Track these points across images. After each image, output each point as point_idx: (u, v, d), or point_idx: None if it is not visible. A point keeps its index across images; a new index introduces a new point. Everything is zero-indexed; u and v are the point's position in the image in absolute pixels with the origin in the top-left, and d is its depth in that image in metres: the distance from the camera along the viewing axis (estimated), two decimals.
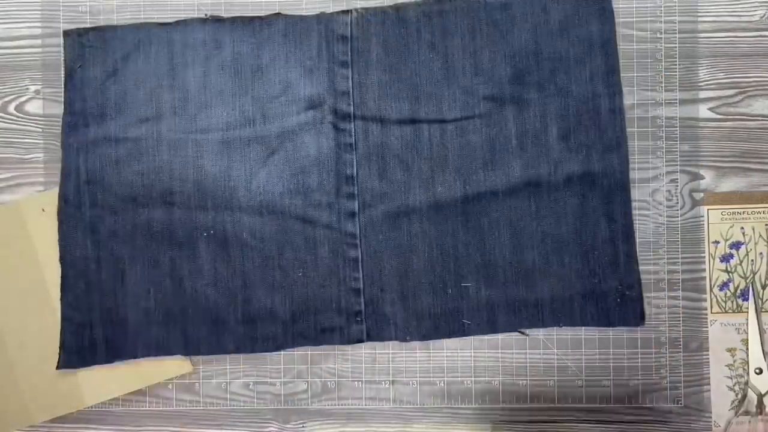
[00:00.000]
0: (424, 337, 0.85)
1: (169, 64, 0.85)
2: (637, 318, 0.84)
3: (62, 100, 0.85)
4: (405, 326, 0.85)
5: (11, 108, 0.87)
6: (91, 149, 0.85)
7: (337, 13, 0.85)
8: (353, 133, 0.85)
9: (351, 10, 0.85)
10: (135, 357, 0.84)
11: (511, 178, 0.84)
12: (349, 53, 0.85)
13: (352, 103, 0.84)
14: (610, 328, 0.85)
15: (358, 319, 0.84)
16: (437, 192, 0.84)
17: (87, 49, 0.85)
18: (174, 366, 0.85)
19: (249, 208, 0.84)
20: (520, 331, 0.85)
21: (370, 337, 0.85)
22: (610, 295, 0.84)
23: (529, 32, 0.85)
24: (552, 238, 0.84)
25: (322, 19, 0.85)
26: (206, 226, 0.84)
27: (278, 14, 0.85)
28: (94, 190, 0.85)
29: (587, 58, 0.84)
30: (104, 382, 0.85)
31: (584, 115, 0.84)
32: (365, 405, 0.86)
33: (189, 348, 0.84)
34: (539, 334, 0.85)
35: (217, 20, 0.85)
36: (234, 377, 0.85)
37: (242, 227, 0.84)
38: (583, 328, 0.85)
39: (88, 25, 0.86)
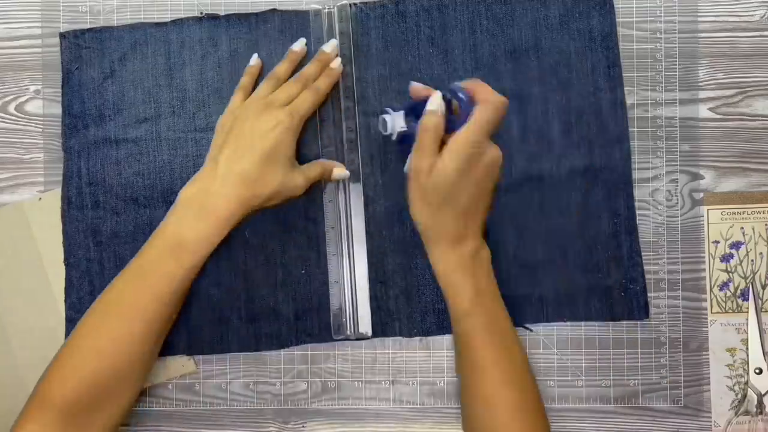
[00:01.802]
0: (428, 332, 0.85)
1: (166, 64, 0.85)
2: (642, 311, 0.84)
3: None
4: (409, 322, 0.85)
5: (11, 108, 0.87)
6: (91, 151, 0.85)
7: (336, 7, 0.85)
8: (355, 128, 0.84)
9: (349, 4, 0.85)
10: None
11: (513, 173, 0.84)
12: (349, 48, 0.84)
13: (352, 97, 0.84)
14: (611, 328, 0.85)
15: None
16: None
17: (83, 51, 0.85)
18: (177, 366, 0.85)
19: None
20: (524, 327, 0.85)
21: (375, 333, 0.85)
22: (615, 288, 0.84)
23: (530, 26, 0.84)
24: (555, 232, 0.84)
25: (320, 13, 0.84)
26: None
27: (274, 10, 0.85)
28: (96, 192, 0.85)
29: (588, 51, 0.84)
30: None
31: (586, 108, 0.84)
32: (365, 405, 0.86)
33: (192, 348, 0.85)
34: (539, 334, 0.85)
35: (213, 18, 0.85)
36: (234, 377, 0.86)
37: (244, 225, 0.84)
38: (584, 327, 0.85)
39: (88, 25, 0.86)
